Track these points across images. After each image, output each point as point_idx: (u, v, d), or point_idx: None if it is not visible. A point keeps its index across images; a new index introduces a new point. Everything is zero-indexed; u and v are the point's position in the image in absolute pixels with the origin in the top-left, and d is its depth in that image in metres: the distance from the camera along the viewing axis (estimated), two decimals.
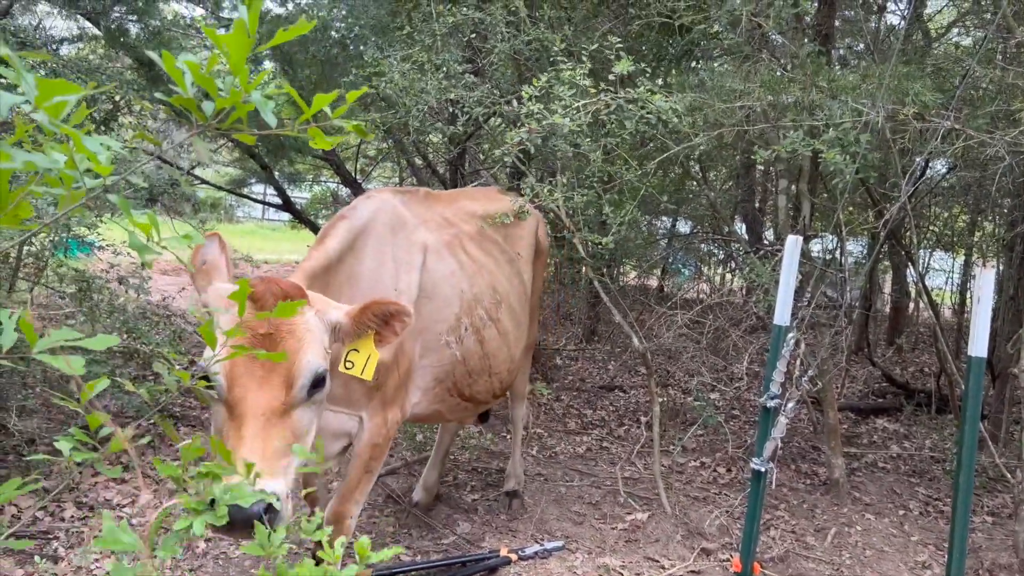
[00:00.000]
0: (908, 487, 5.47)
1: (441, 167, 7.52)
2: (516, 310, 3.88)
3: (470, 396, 3.58)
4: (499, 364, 3.69)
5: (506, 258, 3.95)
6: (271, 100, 1.29)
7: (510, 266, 3.95)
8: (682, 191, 8.31)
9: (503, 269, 3.85)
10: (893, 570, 4.24)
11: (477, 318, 3.50)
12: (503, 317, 3.69)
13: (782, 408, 2.71)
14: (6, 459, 4.24)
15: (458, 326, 3.39)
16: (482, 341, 3.53)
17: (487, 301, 3.58)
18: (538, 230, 4.40)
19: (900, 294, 9.62)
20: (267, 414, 2.16)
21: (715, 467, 5.62)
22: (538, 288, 4.56)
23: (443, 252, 3.45)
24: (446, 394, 3.43)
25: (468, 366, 3.47)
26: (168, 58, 1.18)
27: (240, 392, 2.18)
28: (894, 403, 7.34)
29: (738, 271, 7.75)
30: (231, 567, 3.67)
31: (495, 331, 3.62)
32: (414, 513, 4.48)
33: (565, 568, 3.91)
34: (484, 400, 3.75)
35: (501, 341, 3.67)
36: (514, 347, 3.83)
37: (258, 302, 2.28)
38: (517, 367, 4.02)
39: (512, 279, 3.92)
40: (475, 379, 3.55)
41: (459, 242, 3.60)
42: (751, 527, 2.67)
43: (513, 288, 3.89)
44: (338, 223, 2.97)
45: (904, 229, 6.53)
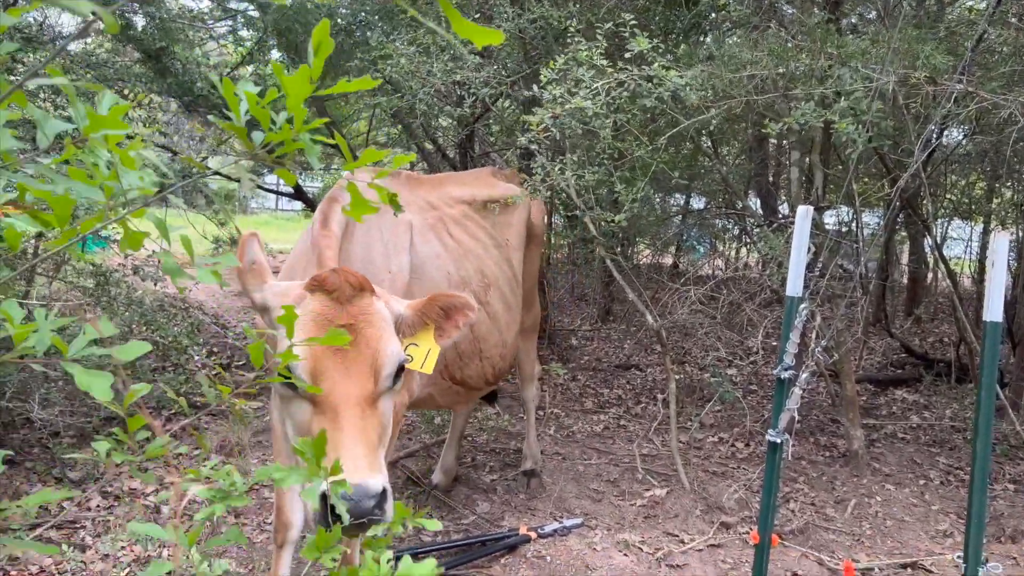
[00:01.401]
0: (928, 457, 5.45)
1: (451, 151, 7.51)
2: (506, 294, 3.82)
3: (461, 380, 3.55)
4: (490, 348, 3.65)
5: (494, 243, 3.90)
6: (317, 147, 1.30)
7: (498, 251, 3.90)
8: (694, 166, 8.26)
9: (491, 253, 3.80)
10: (914, 539, 4.23)
11: None
12: (492, 301, 3.65)
13: (797, 379, 2.70)
14: (31, 451, 4.31)
15: None
16: (472, 325, 3.51)
17: (475, 284, 3.54)
18: (531, 215, 4.35)
19: (917, 264, 9.53)
20: (360, 405, 2.14)
21: (733, 442, 5.62)
22: (533, 273, 4.52)
23: (428, 234, 3.40)
24: (437, 377, 3.39)
25: (458, 349, 3.43)
26: (228, 85, 1.18)
27: (329, 385, 2.14)
28: (913, 374, 7.30)
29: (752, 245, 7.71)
30: (254, 552, 3.71)
31: (485, 315, 3.57)
32: (434, 494, 4.52)
33: (584, 545, 3.94)
34: (476, 385, 3.71)
35: (491, 325, 3.64)
36: (505, 331, 3.79)
37: (333, 292, 2.25)
38: (511, 352, 3.97)
39: (501, 264, 3.87)
40: (466, 362, 3.52)
41: (443, 225, 3.56)
42: (768, 499, 2.67)
43: (503, 273, 3.84)
44: (334, 206, 2.91)
45: (920, 198, 6.45)
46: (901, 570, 3.88)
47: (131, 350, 1.17)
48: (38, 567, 3.36)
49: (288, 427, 2.30)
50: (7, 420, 4.19)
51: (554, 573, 3.66)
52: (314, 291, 2.26)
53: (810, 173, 5.66)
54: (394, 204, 1.37)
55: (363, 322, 2.24)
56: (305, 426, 2.18)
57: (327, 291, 2.24)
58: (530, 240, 4.34)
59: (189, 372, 5.73)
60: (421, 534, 4.06)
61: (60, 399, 4.39)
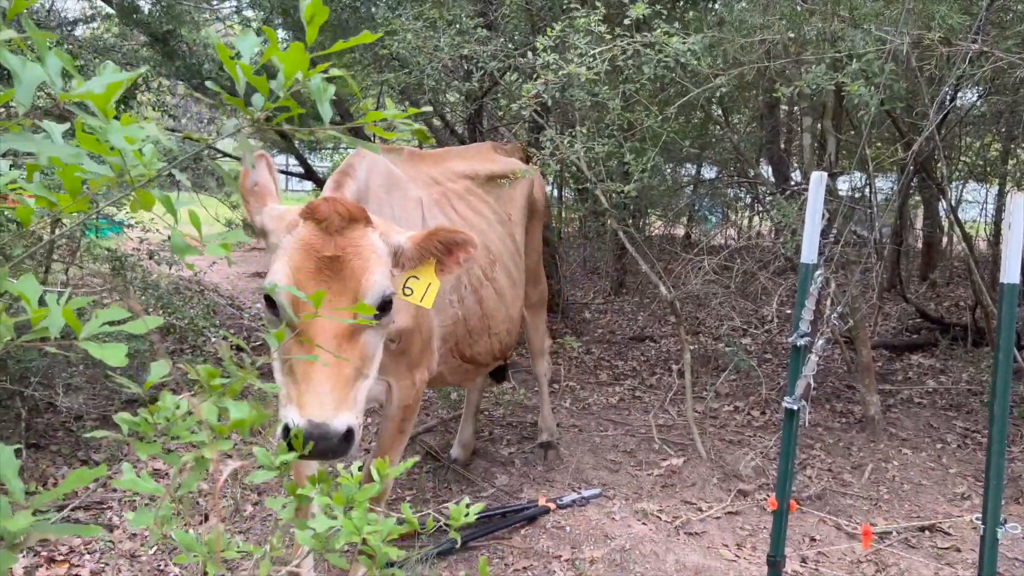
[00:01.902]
0: (945, 421, 5.45)
1: (459, 126, 7.47)
2: (511, 270, 3.81)
3: (471, 357, 3.54)
4: (498, 324, 3.64)
5: (497, 218, 3.86)
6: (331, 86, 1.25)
7: (502, 226, 3.87)
8: (705, 136, 8.20)
9: (495, 229, 3.77)
10: (931, 502, 4.25)
11: (474, 277, 3.44)
12: (499, 276, 3.64)
13: (812, 346, 2.70)
14: (56, 435, 4.38)
15: (459, 285, 3.33)
16: (480, 300, 3.48)
17: (482, 260, 3.52)
18: (533, 190, 4.30)
19: (932, 228, 9.46)
20: (338, 338, 2.10)
21: (749, 410, 5.63)
22: (537, 248, 4.49)
23: (434, 209, 3.37)
24: (449, 355, 3.38)
25: (468, 326, 3.43)
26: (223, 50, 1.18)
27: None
28: (929, 338, 7.27)
29: (765, 214, 7.66)
30: (278, 528, 3.77)
31: (492, 290, 3.57)
32: (453, 468, 4.56)
33: (603, 514, 3.97)
34: (484, 362, 3.71)
35: (499, 301, 3.63)
36: (511, 307, 3.78)
37: (323, 222, 2.21)
38: (516, 328, 3.96)
39: (505, 239, 3.84)
40: (475, 339, 3.51)
41: (447, 200, 3.52)
42: (786, 465, 2.69)
43: (506, 248, 3.81)
44: (346, 181, 2.86)
45: (934, 161, 6.39)
46: (919, 533, 3.90)
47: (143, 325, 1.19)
48: (67, 547, 3.43)
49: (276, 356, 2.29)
50: (32, 406, 4.25)
51: (574, 543, 3.70)
52: (306, 219, 2.23)
53: (822, 139, 5.61)
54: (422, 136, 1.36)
55: (351, 253, 2.21)
56: (286, 355, 2.17)
57: (317, 220, 2.21)
58: (532, 215, 4.31)
59: (207, 354, 5.78)
60: (442, 508, 4.10)
61: (82, 384, 4.45)
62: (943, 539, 3.86)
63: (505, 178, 3.97)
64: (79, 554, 3.40)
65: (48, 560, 3.32)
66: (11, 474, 0.97)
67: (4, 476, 0.96)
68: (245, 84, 1.17)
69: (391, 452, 3.14)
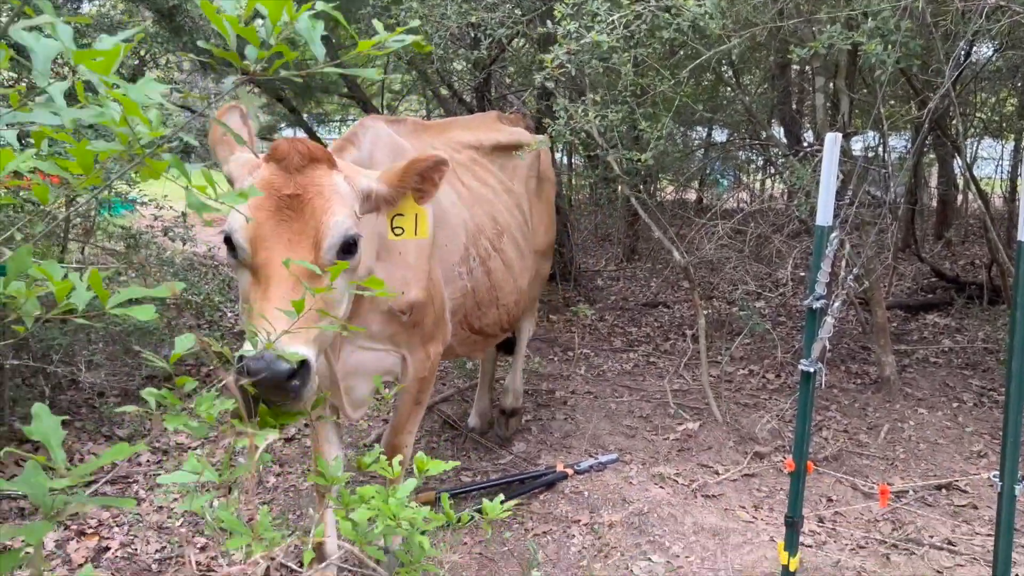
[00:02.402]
0: (961, 380, 5.45)
1: (467, 95, 7.43)
2: (519, 241, 3.77)
3: (479, 329, 3.53)
4: (506, 296, 3.62)
5: (504, 188, 3.81)
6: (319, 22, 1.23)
7: (509, 196, 3.82)
8: (716, 98, 8.12)
9: (502, 199, 3.73)
10: (948, 461, 4.26)
11: (482, 249, 3.41)
12: (506, 247, 3.61)
13: (828, 308, 2.70)
14: (80, 411, 4.45)
15: (467, 256, 3.31)
16: (489, 272, 3.45)
17: (489, 231, 3.49)
18: (540, 160, 4.24)
19: (947, 187, 9.36)
20: (295, 278, 2.01)
21: (763, 374, 5.65)
22: (550, 219, 4.42)
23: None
24: (458, 327, 3.37)
25: (477, 297, 3.41)
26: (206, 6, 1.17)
27: (265, 255, 2.06)
28: (944, 298, 7.24)
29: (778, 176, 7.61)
30: (301, 499, 3.84)
31: (500, 262, 3.54)
32: (471, 437, 4.61)
33: (621, 479, 4.02)
34: (492, 334, 3.69)
35: (507, 272, 3.60)
36: (519, 278, 3.75)
37: (282, 161, 2.16)
38: (524, 299, 3.92)
39: (512, 210, 3.79)
40: (484, 311, 3.49)
41: (452, 171, 3.41)
42: (803, 427, 2.70)
43: (514, 219, 3.77)
44: (348, 148, 2.81)
45: (949, 118, 6.31)
46: (936, 491, 3.93)
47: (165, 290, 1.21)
48: (97, 520, 3.51)
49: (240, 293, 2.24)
50: (55, 383, 4.31)
51: (592, 507, 3.75)
52: (268, 160, 2.19)
53: (835, 99, 5.54)
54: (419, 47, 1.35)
55: (311, 192, 2.15)
56: (246, 295, 2.13)
57: (277, 159, 2.17)
58: (540, 185, 4.26)
59: (224, 329, 5.84)
60: (460, 475, 4.16)
61: (103, 361, 4.51)
62: (960, 497, 3.88)
63: (511, 148, 3.92)
64: (108, 527, 3.48)
65: (78, 533, 3.40)
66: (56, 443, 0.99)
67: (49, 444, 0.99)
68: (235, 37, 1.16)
69: (408, 423, 3.17)
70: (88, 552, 3.27)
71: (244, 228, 2.08)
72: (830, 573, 3.19)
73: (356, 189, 2.32)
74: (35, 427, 1.07)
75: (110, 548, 3.31)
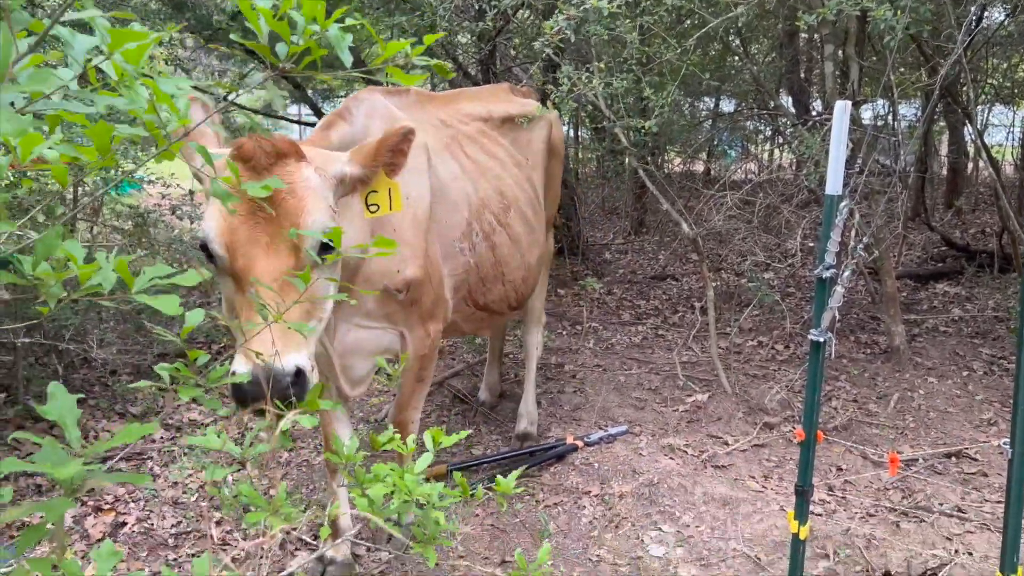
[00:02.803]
0: (971, 348, 5.43)
1: (472, 68, 7.37)
2: (527, 215, 3.65)
3: (484, 305, 3.45)
4: (512, 271, 3.53)
5: (513, 161, 3.69)
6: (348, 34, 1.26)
7: (518, 169, 3.70)
8: (723, 68, 8.03)
9: (510, 172, 3.61)
10: (958, 429, 4.27)
11: (486, 223, 3.32)
12: (513, 222, 3.50)
13: (838, 278, 2.69)
14: (93, 389, 4.49)
15: (469, 232, 3.22)
16: (493, 247, 3.36)
17: (494, 205, 3.39)
18: (551, 132, 4.12)
19: (958, 154, 9.27)
20: (279, 281, 1.98)
21: (773, 345, 5.64)
22: (555, 195, 4.30)
23: (443, 154, 3.20)
24: (462, 303, 3.31)
25: (481, 273, 3.34)
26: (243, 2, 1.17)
27: (245, 261, 2.02)
28: (954, 266, 7.20)
29: (786, 146, 7.55)
30: (314, 474, 3.88)
31: (506, 236, 3.44)
32: (481, 411, 4.64)
33: (631, 450, 4.04)
34: (499, 311, 3.60)
35: (513, 247, 3.50)
36: (527, 253, 3.64)
37: (249, 161, 2.08)
38: (533, 276, 3.82)
39: (522, 183, 3.68)
40: (489, 287, 3.42)
41: (457, 144, 3.35)
42: (812, 396, 2.70)
43: (523, 192, 3.66)
44: (337, 123, 2.75)
45: (960, 85, 6.23)
46: (945, 459, 3.93)
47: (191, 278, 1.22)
48: (113, 496, 3.55)
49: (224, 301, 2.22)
50: (68, 361, 4.35)
51: (602, 478, 3.77)
52: (233, 160, 2.07)
53: (844, 66, 5.47)
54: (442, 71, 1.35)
55: (284, 192, 2.08)
56: (230, 302, 2.12)
57: (243, 159, 2.08)
58: (551, 158, 4.15)
59: None
60: (471, 448, 4.19)
61: (115, 339, 4.54)
62: (970, 464, 3.89)
63: (522, 119, 3.84)
64: (124, 502, 3.52)
65: (95, 509, 3.44)
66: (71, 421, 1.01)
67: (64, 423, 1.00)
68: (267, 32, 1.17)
69: (412, 400, 3.16)
70: (105, 527, 3.31)
71: (220, 235, 2.04)
72: (840, 541, 3.21)
73: (329, 178, 2.27)
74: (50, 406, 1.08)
75: (127, 523, 3.36)
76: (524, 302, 3.87)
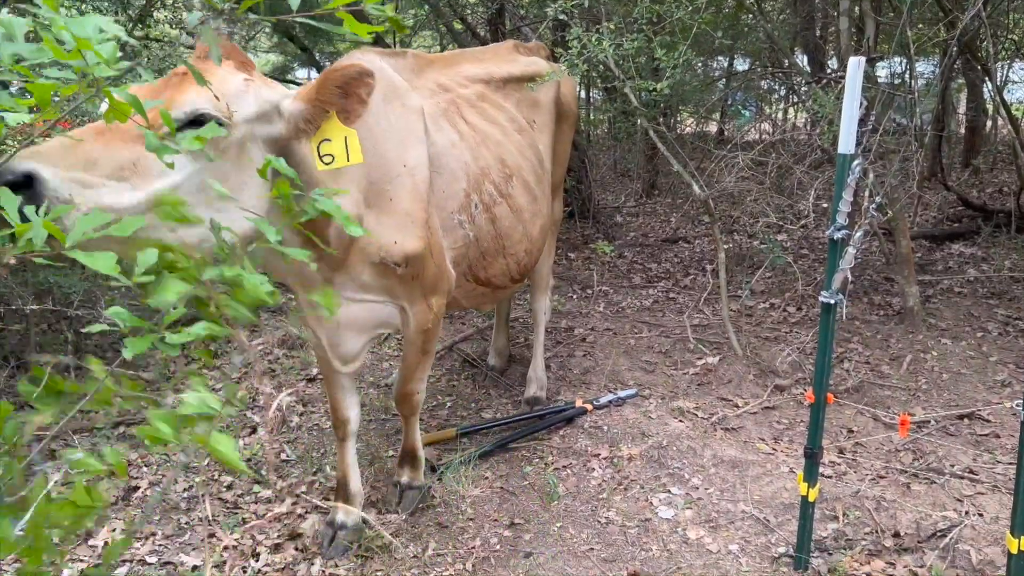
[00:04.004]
0: (986, 309, 5.37)
1: (481, 29, 7.26)
2: (531, 184, 3.48)
3: (486, 280, 3.34)
4: (514, 244, 3.38)
5: (515, 127, 3.50)
6: None
7: (521, 135, 3.51)
8: (736, 26, 7.86)
9: (512, 138, 3.43)
10: (971, 391, 4.24)
11: (486, 194, 3.16)
12: (515, 192, 3.34)
13: (851, 238, 2.64)
14: (105, 356, 4.52)
15: (468, 203, 3.07)
16: (494, 219, 3.21)
17: (495, 175, 3.22)
18: (560, 92, 3.93)
19: (976, 112, 9.08)
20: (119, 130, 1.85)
21: (784, 307, 5.60)
22: (563, 157, 4.13)
23: (440, 121, 3.04)
24: (462, 279, 3.19)
25: (481, 247, 3.20)
26: None
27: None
28: (971, 227, 7.09)
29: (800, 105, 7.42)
30: (324, 437, 3.90)
31: (507, 208, 3.28)
32: (491, 375, 4.64)
33: (640, 413, 4.03)
34: (501, 285, 3.46)
35: (515, 219, 3.34)
36: (530, 225, 3.47)
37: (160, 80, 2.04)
38: (537, 248, 3.64)
39: (525, 150, 3.49)
40: (490, 261, 3.29)
41: (456, 109, 3.19)
42: (823, 358, 2.68)
43: (526, 160, 3.47)
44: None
45: (979, 40, 6.08)
46: (958, 421, 3.91)
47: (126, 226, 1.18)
48: (126, 461, 3.59)
49: None
50: (79, 327, 4.37)
51: (612, 441, 3.77)
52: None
53: (860, 22, 5.35)
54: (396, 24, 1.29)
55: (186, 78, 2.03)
56: None
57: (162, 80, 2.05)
58: (560, 120, 3.97)
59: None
60: (481, 412, 4.20)
61: (124, 304, 4.55)
62: (982, 426, 3.86)
63: (526, 80, 3.68)
64: (137, 467, 3.57)
65: (109, 473, 3.48)
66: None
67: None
68: None
69: (416, 371, 3.11)
70: (119, 491, 3.36)
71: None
72: (849, 503, 3.20)
73: (259, 97, 2.16)
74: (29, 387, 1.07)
75: (139, 488, 3.40)
76: (527, 274, 3.73)
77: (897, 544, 2.94)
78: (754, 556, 2.95)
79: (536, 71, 3.76)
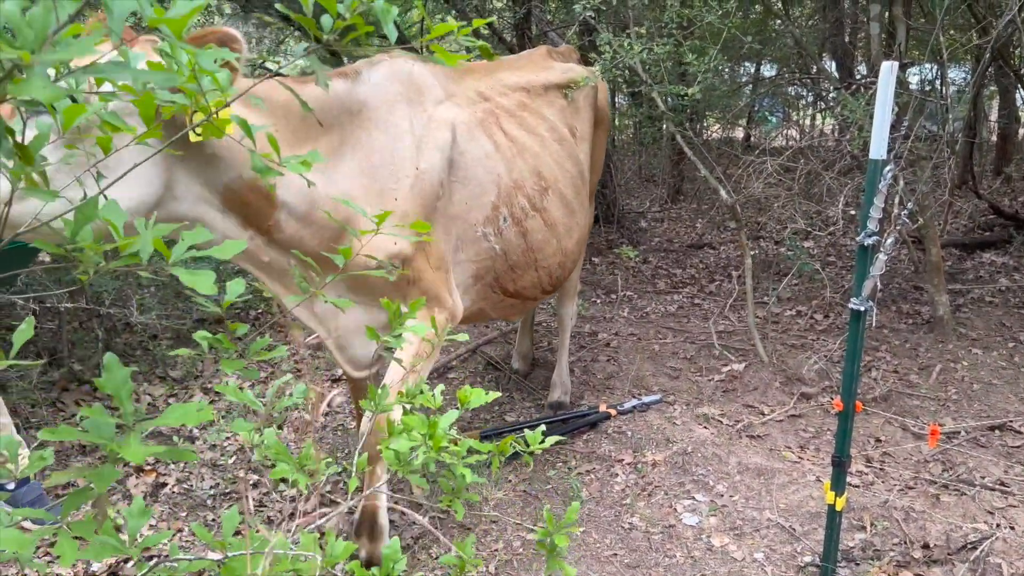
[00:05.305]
0: (1018, 319, 5.29)
1: (507, 33, 7.28)
2: (568, 197, 3.39)
3: (515, 292, 3.26)
4: (547, 257, 3.31)
5: (555, 136, 3.41)
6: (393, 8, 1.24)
7: (560, 146, 3.42)
8: (764, 31, 7.83)
9: (550, 149, 3.34)
10: (1002, 402, 4.17)
11: (517, 207, 3.08)
12: (550, 206, 3.25)
13: (881, 245, 2.61)
14: (135, 354, 4.58)
15: (495, 216, 2.99)
16: (524, 233, 3.13)
17: (529, 188, 3.14)
18: (597, 98, 3.86)
19: (1008, 119, 8.97)
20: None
21: (811, 314, 5.55)
22: (598, 164, 4.06)
23: (475, 131, 2.97)
24: (488, 291, 3.13)
25: (510, 261, 3.12)
26: None
27: None
28: (1002, 235, 6.99)
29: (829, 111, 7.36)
30: (349, 439, 3.92)
31: (540, 222, 3.20)
32: (514, 378, 4.64)
33: (664, 419, 4.01)
34: (531, 296, 3.39)
35: (548, 233, 3.26)
36: (565, 238, 3.39)
37: None
38: (572, 260, 3.58)
39: (563, 162, 3.40)
40: (519, 274, 3.21)
41: (495, 120, 3.11)
42: (851, 366, 2.65)
43: (564, 172, 3.39)
44: (337, 79, 2.57)
45: (1013, 47, 6.00)
46: (989, 432, 3.85)
47: (228, 249, 1.22)
48: (154, 458, 3.63)
49: None
50: (109, 326, 4.44)
51: (635, 447, 3.76)
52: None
53: (891, 27, 5.30)
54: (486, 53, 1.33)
55: None
56: None
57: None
58: (597, 126, 3.92)
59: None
60: (504, 416, 4.20)
61: (155, 304, 4.62)
62: (1014, 437, 3.80)
63: (566, 88, 3.62)
64: (165, 464, 3.60)
65: (137, 470, 3.53)
66: (125, 395, 1.01)
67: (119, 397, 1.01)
68: (313, 5, 1.16)
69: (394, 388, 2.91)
70: (146, 488, 3.40)
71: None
72: (877, 513, 3.16)
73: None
74: (106, 379, 1.08)
75: (167, 484, 3.44)
76: (560, 285, 3.66)
77: (926, 556, 2.90)
78: (779, 565, 2.92)
79: (572, 77, 3.69)
